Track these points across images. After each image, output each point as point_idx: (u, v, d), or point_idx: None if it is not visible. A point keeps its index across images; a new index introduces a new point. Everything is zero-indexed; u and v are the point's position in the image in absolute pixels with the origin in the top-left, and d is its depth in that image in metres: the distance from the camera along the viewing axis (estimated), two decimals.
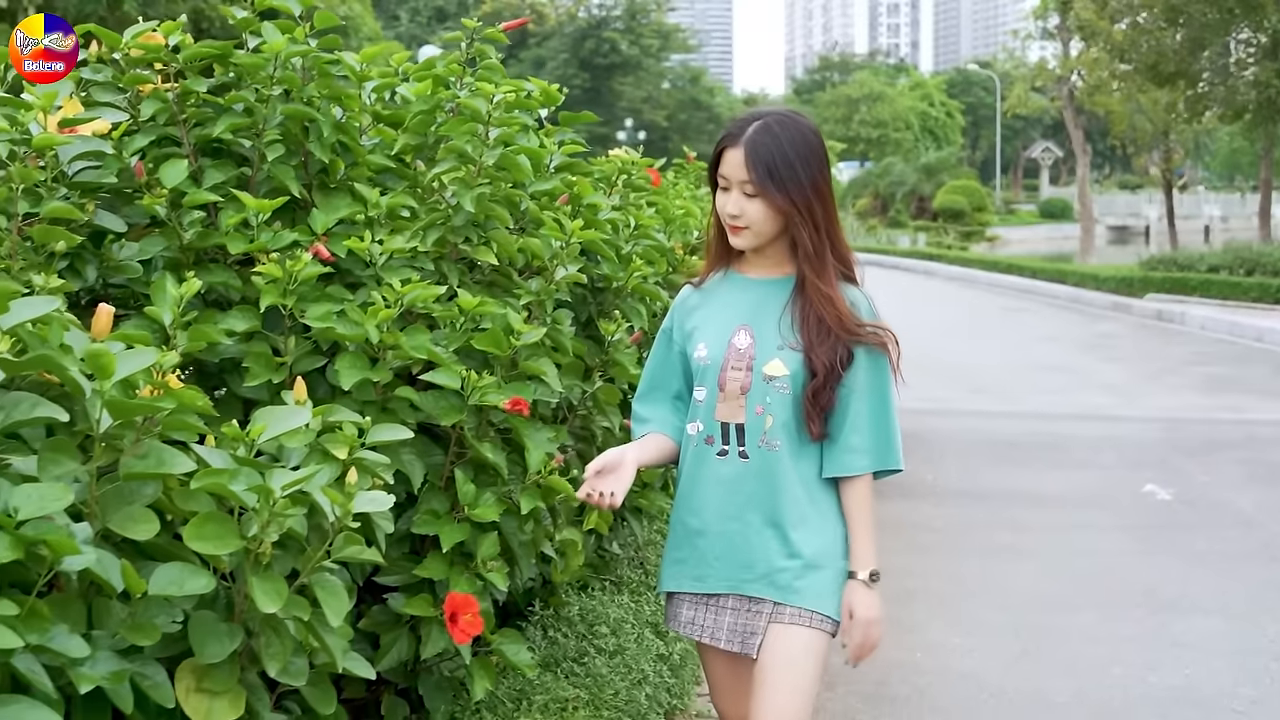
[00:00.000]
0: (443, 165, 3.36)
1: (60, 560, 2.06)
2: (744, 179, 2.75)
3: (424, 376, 3.03)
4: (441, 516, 3.05)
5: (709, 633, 2.88)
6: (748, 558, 2.82)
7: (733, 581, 2.84)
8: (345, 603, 2.41)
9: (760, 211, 2.76)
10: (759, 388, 2.80)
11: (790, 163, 2.73)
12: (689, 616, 2.92)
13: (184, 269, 3.20)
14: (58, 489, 2.06)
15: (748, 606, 2.83)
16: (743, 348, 2.83)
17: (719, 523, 2.84)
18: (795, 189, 2.74)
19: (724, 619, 2.86)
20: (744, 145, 2.75)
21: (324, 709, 2.58)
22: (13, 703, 1.93)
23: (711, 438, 2.85)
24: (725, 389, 2.82)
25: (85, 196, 3.11)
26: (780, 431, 2.80)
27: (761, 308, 2.87)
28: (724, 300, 2.93)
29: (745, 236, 2.82)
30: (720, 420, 2.84)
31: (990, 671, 5.21)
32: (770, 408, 2.79)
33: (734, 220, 2.80)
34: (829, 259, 2.81)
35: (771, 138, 2.74)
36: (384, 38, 31.83)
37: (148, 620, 2.22)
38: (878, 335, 2.83)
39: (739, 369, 2.82)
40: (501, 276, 3.55)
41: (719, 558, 2.85)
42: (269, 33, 3.31)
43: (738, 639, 2.84)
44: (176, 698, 2.28)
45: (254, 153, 3.36)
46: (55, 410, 2.20)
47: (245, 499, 2.29)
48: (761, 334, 2.83)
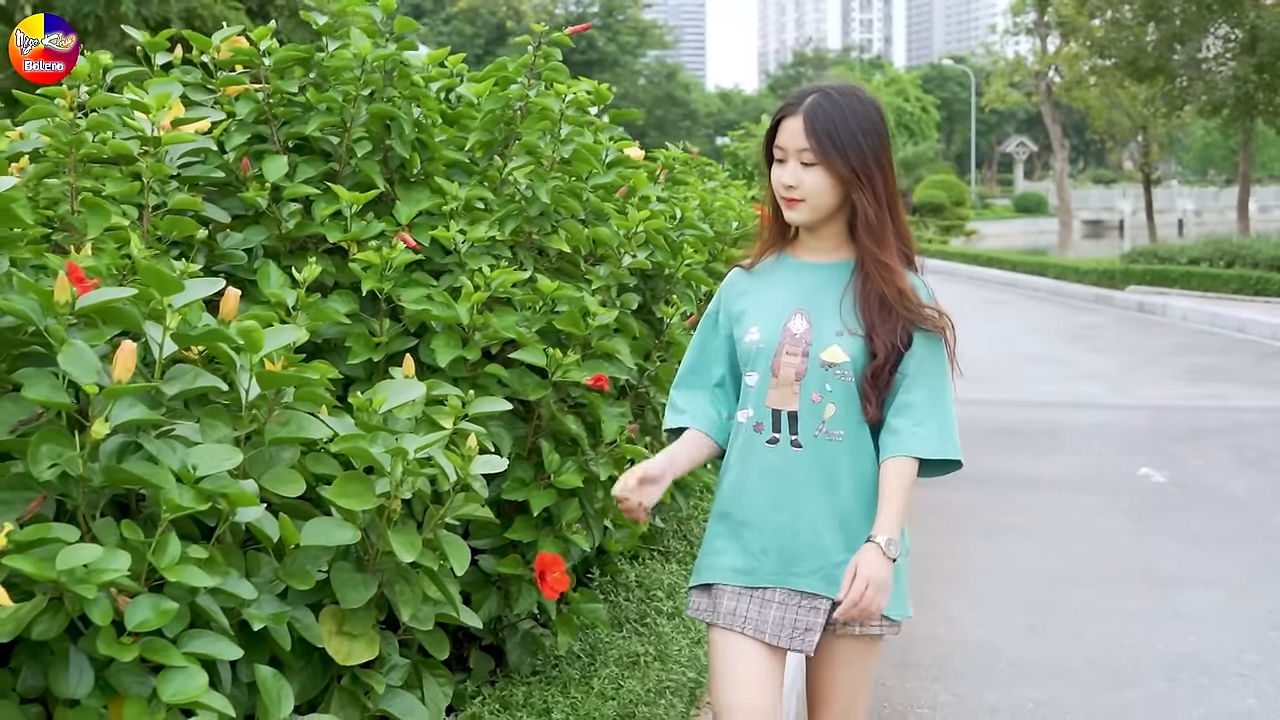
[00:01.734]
0: (519, 160, 3.60)
1: (234, 512, 2.31)
2: (802, 147, 2.63)
3: (513, 355, 3.28)
4: (529, 484, 3.30)
5: (753, 625, 2.69)
6: (797, 551, 2.68)
7: (781, 575, 2.70)
8: (467, 555, 2.67)
9: (818, 182, 2.64)
10: (816, 374, 2.67)
11: (851, 131, 2.62)
12: (730, 607, 2.72)
13: (282, 257, 3.44)
14: (228, 449, 2.31)
15: (798, 601, 2.69)
16: (799, 332, 2.70)
17: (767, 514, 2.70)
18: (856, 156, 2.62)
19: (769, 612, 2.69)
20: (803, 112, 2.64)
21: (439, 654, 2.84)
22: (201, 636, 2.17)
23: (761, 424, 2.72)
24: (779, 374, 2.69)
25: (193, 190, 3.34)
26: (842, 421, 2.67)
27: (819, 292, 2.74)
28: (777, 283, 2.79)
29: (801, 210, 2.68)
30: (771, 407, 2.70)
31: (1005, 642, 5.49)
32: (830, 395, 2.67)
33: (789, 192, 2.67)
34: (890, 233, 2.69)
35: (832, 104, 2.64)
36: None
37: (300, 569, 2.47)
38: (937, 318, 2.71)
39: (794, 354, 2.69)
40: (568, 263, 3.80)
41: (766, 550, 2.70)
42: (356, 37, 3.54)
43: (786, 634, 2.68)
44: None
45: (341, 149, 3.60)
46: (216, 380, 2.44)
47: (381, 461, 2.54)
48: (818, 318, 2.70)
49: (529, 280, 3.47)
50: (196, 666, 2.08)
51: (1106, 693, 4.91)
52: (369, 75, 3.55)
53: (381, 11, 3.67)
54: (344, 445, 2.52)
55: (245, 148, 3.54)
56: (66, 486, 2.16)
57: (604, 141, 4.13)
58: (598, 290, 3.63)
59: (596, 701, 3.33)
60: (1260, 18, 24.10)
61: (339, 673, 2.64)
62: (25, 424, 2.21)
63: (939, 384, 2.73)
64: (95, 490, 2.20)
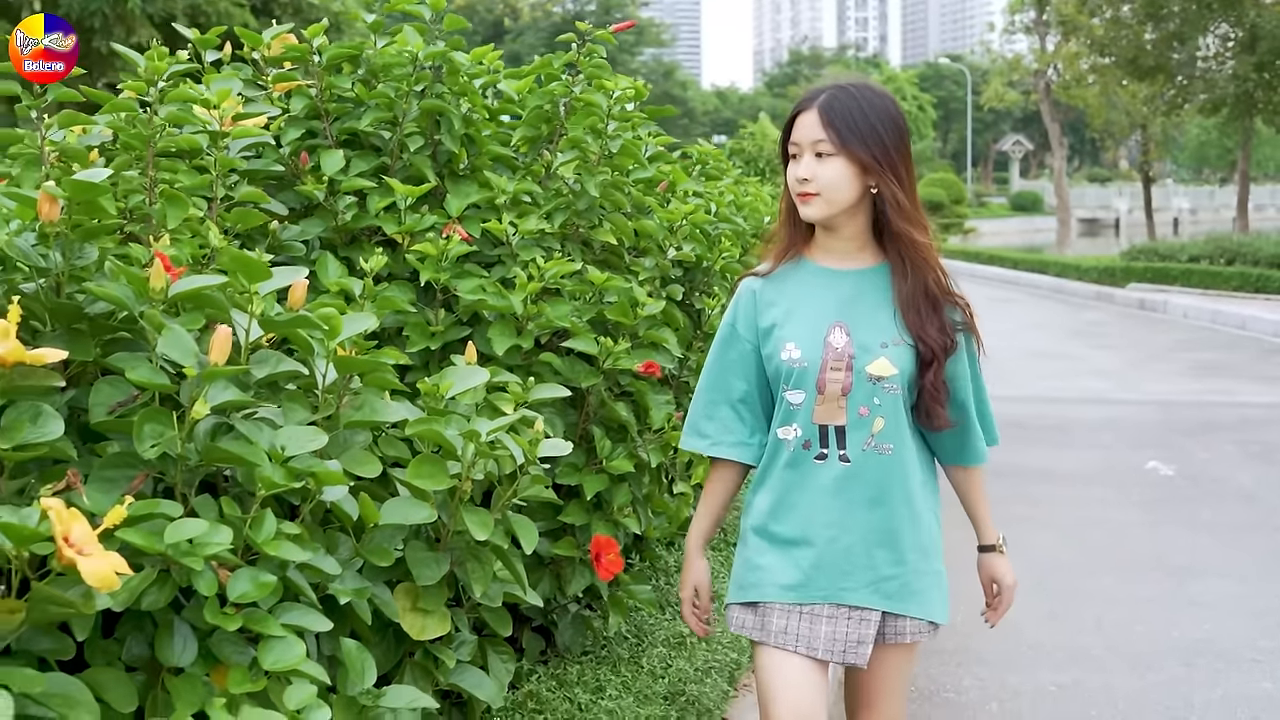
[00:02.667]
0: (567, 154, 3.70)
1: (321, 491, 2.41)
2: (818, 139, 2.59)
3: (566, 344, 3.38)
4: (581, 469, 3.40)
5: (805, 643, 2.66)
6: (849, 566, 2.65)
7: (830, 591, 2.66)
8: (535, 534, 2.76)
9: (834, 174, 2.59)
10: (863, 388, 2.62)
11: (870, 121, 2.59)
12: (780, 625, 2.68)
13: (339, 248, 3.53)
14: (313, 431, 2.40)
15: (848, 614, 2.66)
16: (840, 346, 2.63)
17: (817, 530, 2.66)
18: (875, 144, 2.58)
19: (820, 628, 2.66)
20: (818, 106, 2.60)
21: (503, 631, 2.93)
22: (293, 609, 2.27)
23: (809, 442, 2.66)
24: (825, 391, 2.63)
25: (253, 183, 3.43)
26: (892, 434, 2.64)
27: (856, 301, 2.68)
28: (809, 294, 2.71)
29: (816, 205, 2.62)
30: (818, 423, 2.65)
31: (1025, 628, 5.59)
32: (879, 409, 2.63)
33: (804, 186, 2.61)
34: (921, 216, 2.67)
35: (848, 96, 2.60)
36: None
37: (379, 546, 2.57)
38: (964, 303, 2.73)
39: (838, 369, 2.63)
40: (613, 255, 3.90)
41: (818, 566, 2.66)
42: (410, 36, 3.64)
43: (839, 649, 2.66)
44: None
45: (392, 143, 3.69)
46: (298, 366, 2.54)
47: (454, 443, 2.63)
48: (859, 331, 2.65)
49: (577, 271, 3.56)
50: (294, 636, 2.17)
51: (1126, 676, 5.02)
52: (420, 72, 3.64)
53: (431, 10, 3.77)
54: (419, 428, 2.62)
55: (299, 142, 3.64)
56: (164, 465, 2.26)
57: (643, 137, 4.23)
58: (644, 281, 3.73)
59: (647, 680, 3.44)
60: (1260, 17, 24.24)
61: (411, 648, 2.74)
62: (122, 405, 2.31)
63: (980, 380, 2.81)
64: (191, 469, 2.30)
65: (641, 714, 3.26)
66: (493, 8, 70.05)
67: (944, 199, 47.12)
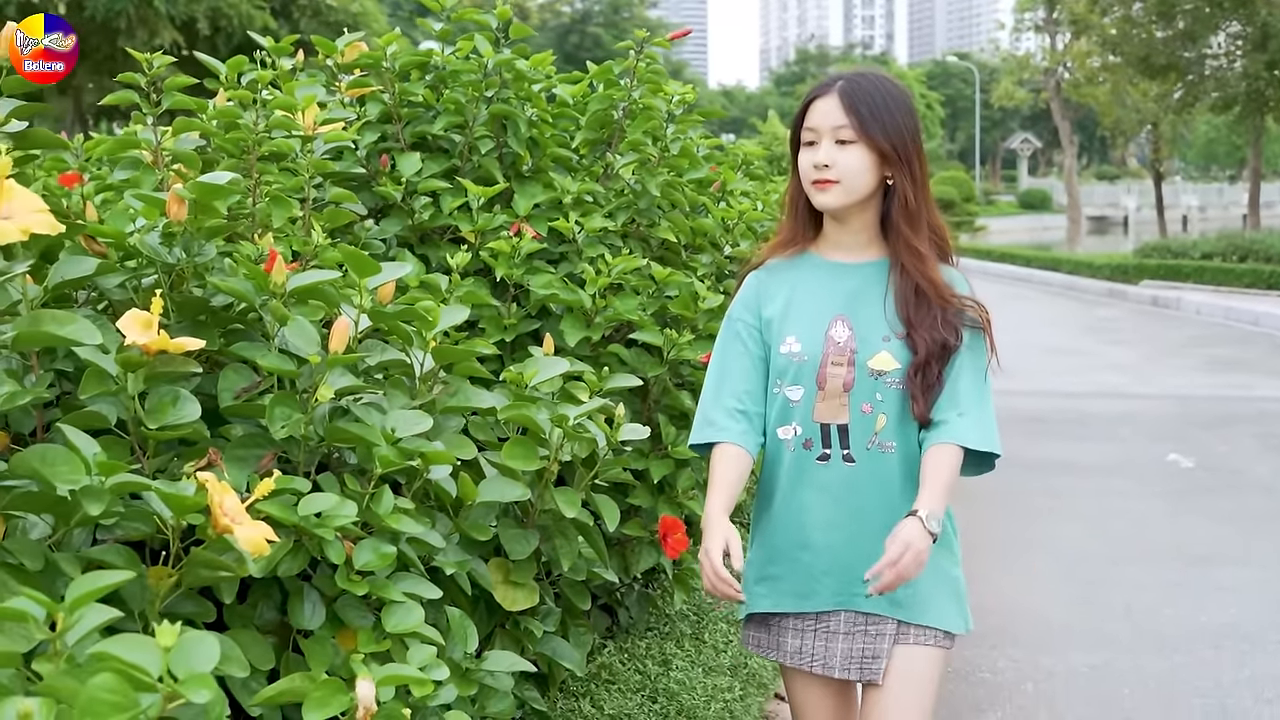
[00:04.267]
0: (629, 156, 3.89)
1: (428, 470, 2.60)
2: (839, 124, 2.51)
3: (633, 336, 3.56)
4: (647, 454, 3.58)
5: (821, 662, 2.60)
6: (859, 570, 2.49)
7: (843, 597, 2.58)
8: (617, 513, 2.95)
9: (855, 161, 2.51)
10: (865, 384, 2.54)
11: (890, 110, 2.52)
12: (795, 646, 2.63)
13: (414, 246, 3.72)
14: (418, 415, 2.59)
15: (864, 626, 2.58)
16: (841, 340, 2.56)
17: (825, 534, 2.58)
18: (895, 134, 2.51)
19: (836, 644, 2.59)
20: (838, 90, 2.53)
21: (582, 604, 3.12)
22: (407, 578, 2.46)
23: (810, 441, 2.58)
24: (825, 387, 2.56)
25: (335, 185, 3.62)
26: (894, 431, 2.55)
27: (858, 295, 2.61)
28: (811, 287, 2.65)
29: (834, 193, 2.54)
30: (820, 421, 2.57)
31: (1055, 613, 5.77)
32: (881, 405, 2.54)
33: (823, 173, 2.52)
34: (924, 221, 2.58)
35: (867, 82, 2.55)
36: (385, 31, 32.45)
37: (477, 523, 2.76)
38: (976, 309, 2.60)
39: (840, 364, 2.55)
40: (670, 252, 4.08)
41: (827, 572, 2.58)
42: (480, 44, 3.83)
43: (855, 665, 2.58)
44: None
45: (462, 146, 3.88)
46: (399, 354, 2.73)
47: (543, 426, 2.82)
48: (861, 324, 2.58)
49: (639, 267, 3.75)
50: (413, 602, 2.36)
51: (1155, 658, 5.20)
52: (489, 79, 3.83)
53: (498, 19, 3.96)
54: (511, 413, 2.81)
55: (374, 145, 3.83)
56: (289, 445, 2.45)
57: (695, 139, 4.42)
58: (702, 277, 3.92)
59: (710, 653, 3.63)
60: (1271, 15, 24.36)
61: (502, 619, 2.93)
62: (246, 391, 2.50)
63: (980, 378, 2.59)
64: (312, 449, 2.49)
65: (709, 684, 3.45)
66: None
67: (955, 197, 47.29)
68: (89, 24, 19.64)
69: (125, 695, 1.48)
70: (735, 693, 3.55)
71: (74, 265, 2.35)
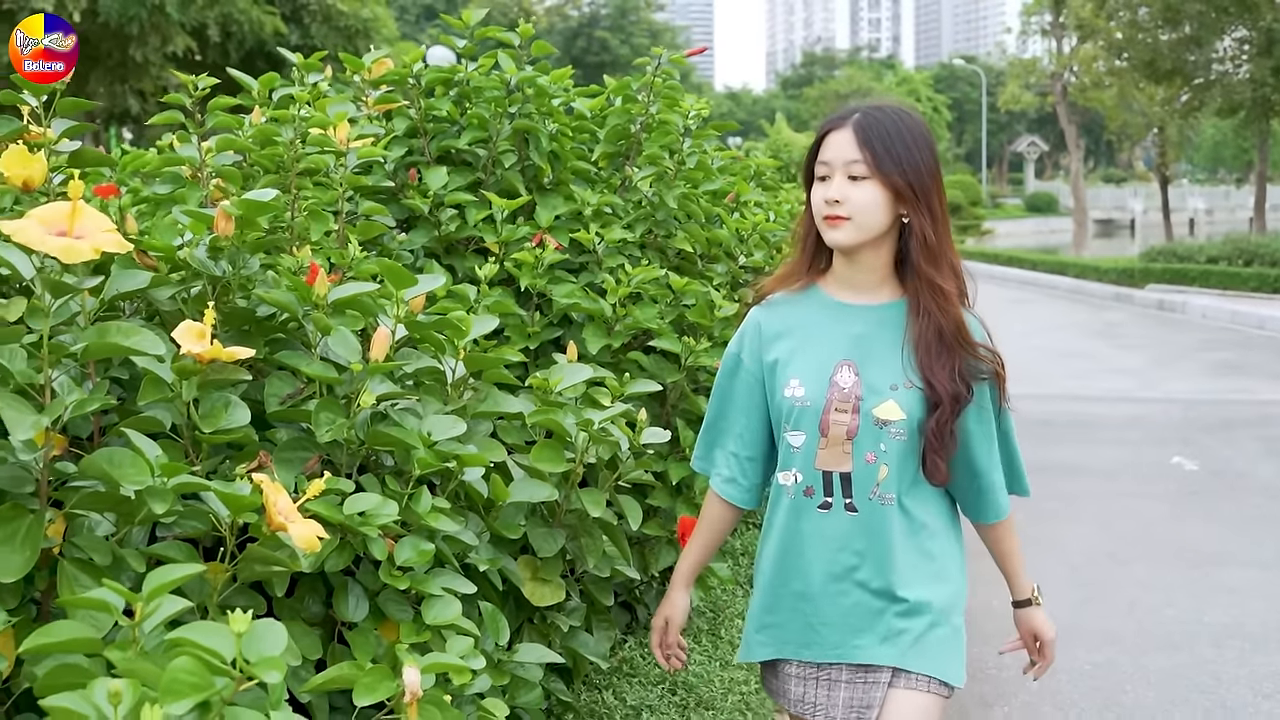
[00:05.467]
0: (647, 170, 4.04)
1: (463, 471, 2.74)
2: (852, 159, 2.43)
3: (652, 343, 3.71)
4: (665, 457, 3.72)
5: (823, 711, 2.56)
6: (859, 622, 2.51)
7: (843, 649, 2.53)
8: (640, 512, 3.10)
9: (868, 197, 2.43)
10: (869, 433, 2.46)
11: (906, 143, 2.44)
12: (799, 694, 2.59)
13: (440, 256, 3.87)
14: (453, 419, 2.73)
15: (863, 677, 2.53)
16: (846, 387, 2.49)
17: (826, 584, 2.53)
18: (912, 170, 2.43)
19: (838, 694, 2.55)
20: (852, 124, 2.45)
21: (605, 600, 3.26)
22: (443, 574, 2.60)
23: (812, 489, 2.52)
24: (828, 434, 2.48)
25: (365, 198, 3.76)
26: (894, 483, 2.49)
27: (867, 339, 2.52)
28: (817, 329, 2.57)
29: (846, 230, 2.45)
30: (821, 469, 2.50)
31: (1060, 613, 5.85)
32: (884, 456, 2.47)
33: (834, 208, 2.44)
34: (946, 259, 2.50)
35: (884, 116, 2.47)
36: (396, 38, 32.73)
37: (508, 522, 2.90)
38: (993, 358, 2.53)
39: (844, 411, 2.47)
40: (686, 262, 4.23)
41: (827, 624, 2.54)
42: (504, 61, 3.98)
43: (854, 715, 2.53)
44: None
45: (486, 160, 4.03)
46: (432, 362, 2.87)
47: (570, 430, 2.97)
48: (868, 371, 2.49)
49: (657, 278, 3.89)
50: (451, 596, 2.50)
51: (1158, 656, 5.34)
52: (513, 95, 3.97)
53: (520, 37, 4.10)
54: (539, 418, 2.95)
55: (401, 159, 3.97)
56: (331, 448, 2.59)
57: (709, 151, 4.57)
58: (718, 286, 4.07)
59: (727, 649, 3.77)
60: (1277, 20, 24.49)
61: (530, 614, 3.07)
62: (290, 397, 2.64)
63: (1006, 431, 2.63)
64: (353, 452, 2.63)
65: (726, 677, 3.59)
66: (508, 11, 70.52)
67: (961, 200, 47.42)
68: (102, 30, 19.78)
69: (202, 677, 1.62)
70: (751, 685, 3.69)
71: (129, 279, 2.48)
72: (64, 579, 2.07)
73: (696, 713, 3.34)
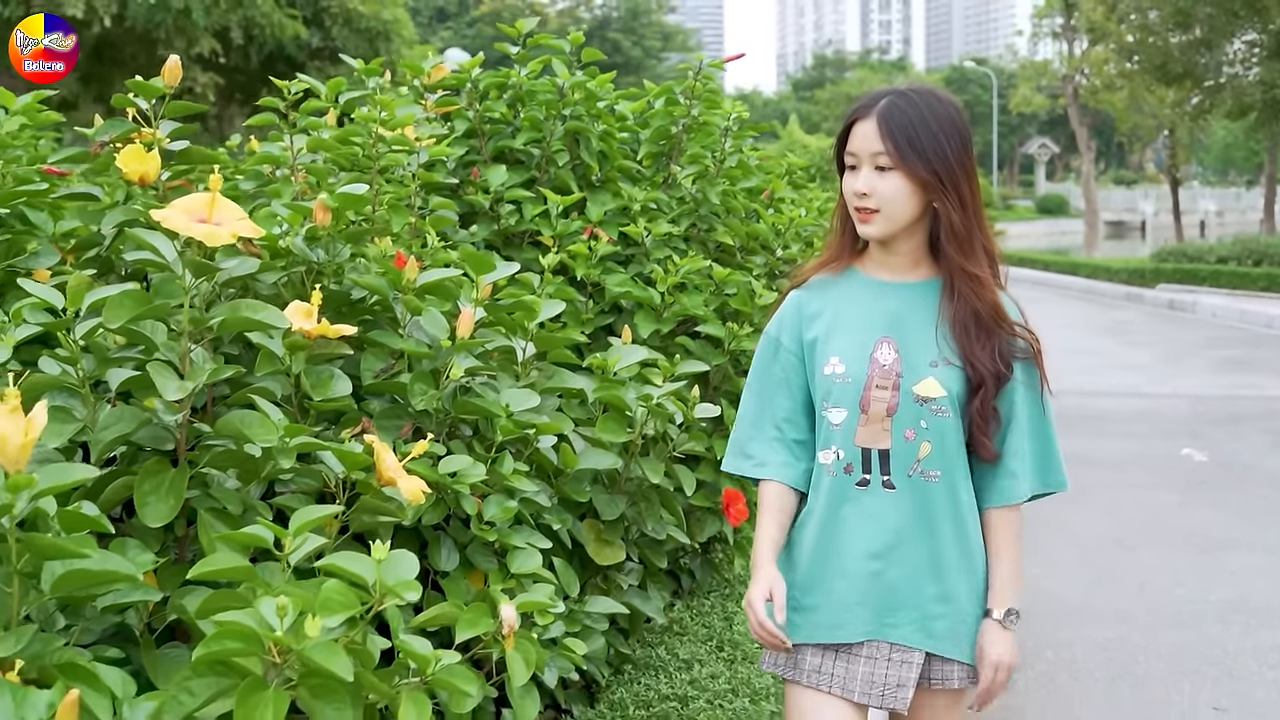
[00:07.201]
0: (690, 168, 4.33)
1: (538, 439, 3.04)
2: (877, 150, 2.41)
3: (697, 329, 4.00)
4: (710, 435, 4.01)
5: (840, 683, 2.49)
6: (893, 601, 2.47)
7: (873, 627, 2.48)
8: (694, 481, 3.39)
9: (895, 189, 2.41)
10: (909, 410, 2.44)
11: (932, 132, 2.41)
12: (814, 664, 2.51)
13: (499, 248, 4.16)
14: (528, 393, 3.03)
15: (889, 655, 2.48)
16: (887, 364, 2.46)
17: (861, 562, 2.48)
18: (938, 159, 2.40)
19: (857, 668, 2.49)
20: (876, 114, 2.42)
21: (660, 562, 3.55)
22: (522, 530, 2.88)
23: (851, 465, 2.48)
24: (869, 411, 2.46)
25: (432, 193, 4.05)
26: (938, 460, 2.46)
27: (905, 317, 2.51)
28: (856, 307, 2.54)
29: (876, 222, 2.45)
30: (861, 445, 2.47)
31: (1072, 593, 6.19)
32: (925, 433, 2.45)
33: (862, 201, 2.44)
34: (977, 243, 2.47)
35: (909, 104, 2.43)
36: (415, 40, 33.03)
37: (576, 487, 3.19)
38: (1030, 337, 2.51)
39: (884, 388, 2.45)
40: (725, 254, 4.52)
41: (861, 603, 2.48)
42: (557, 67, 4.27)
43: (877, 692, 2.48)
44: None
45: (540, 159, 4.32)
46: (506, 341, 3.17)
47: (630, 405, 3.26)
48: (908, 347, 2.48)
49: (700, 268, 4.18)
50: (533, 549, 2.79)
51: (1167, 632, 5.62)
52: (566, 98, 4.27)
53: (571, 45, 4.40)
54: (603, 393, 3.25)
55: (461, 158, 4.27)
56: (421, 417, 2.89)
57: (745, 150, 4.86)
58: (757, 276, 4.36)
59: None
60: None
61: (593, 573, 3.36)
62: (384, 371, 2.94)
63: (1042, 412, 2.55)
64: (442, 420, 2.92)
65: None
66: (518, 14, 70.92)
67: None
68: (129, 34, 20.13)
69: (349, 597, 1.91)
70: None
71: (241, 265, 2.77)
72: (203, 525, 2.36)
73: (743, 665, 3.62)
